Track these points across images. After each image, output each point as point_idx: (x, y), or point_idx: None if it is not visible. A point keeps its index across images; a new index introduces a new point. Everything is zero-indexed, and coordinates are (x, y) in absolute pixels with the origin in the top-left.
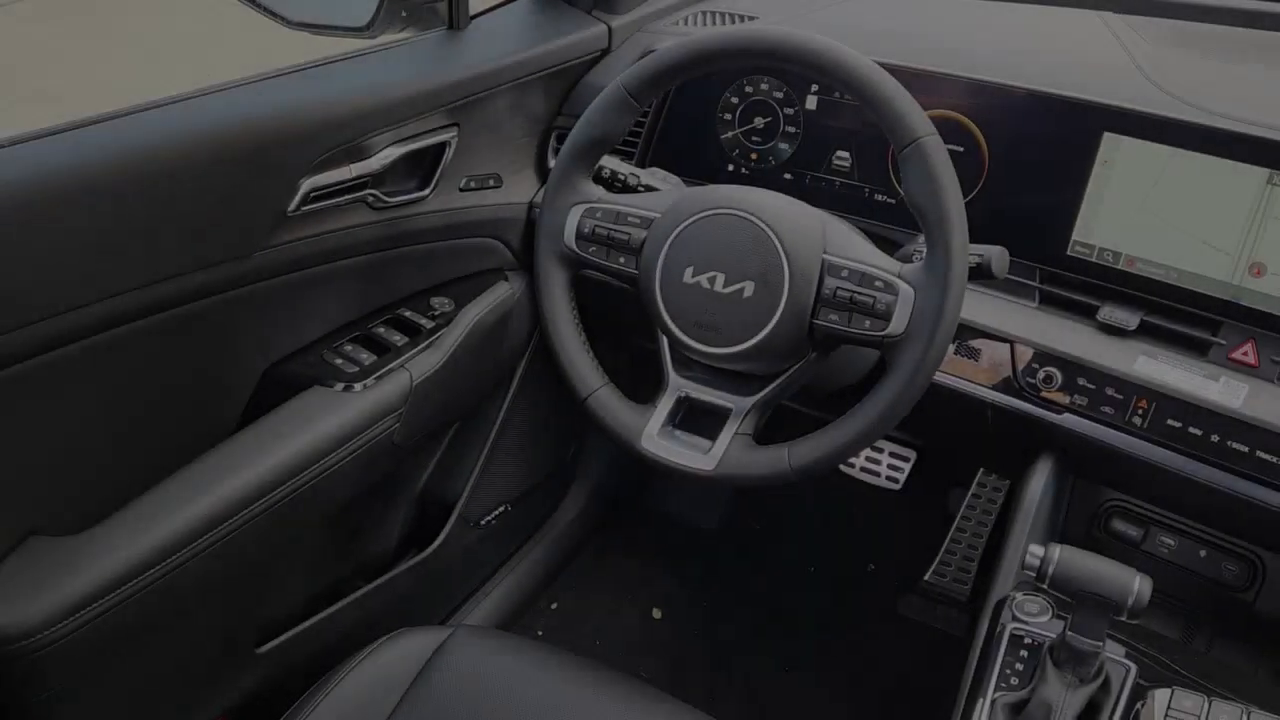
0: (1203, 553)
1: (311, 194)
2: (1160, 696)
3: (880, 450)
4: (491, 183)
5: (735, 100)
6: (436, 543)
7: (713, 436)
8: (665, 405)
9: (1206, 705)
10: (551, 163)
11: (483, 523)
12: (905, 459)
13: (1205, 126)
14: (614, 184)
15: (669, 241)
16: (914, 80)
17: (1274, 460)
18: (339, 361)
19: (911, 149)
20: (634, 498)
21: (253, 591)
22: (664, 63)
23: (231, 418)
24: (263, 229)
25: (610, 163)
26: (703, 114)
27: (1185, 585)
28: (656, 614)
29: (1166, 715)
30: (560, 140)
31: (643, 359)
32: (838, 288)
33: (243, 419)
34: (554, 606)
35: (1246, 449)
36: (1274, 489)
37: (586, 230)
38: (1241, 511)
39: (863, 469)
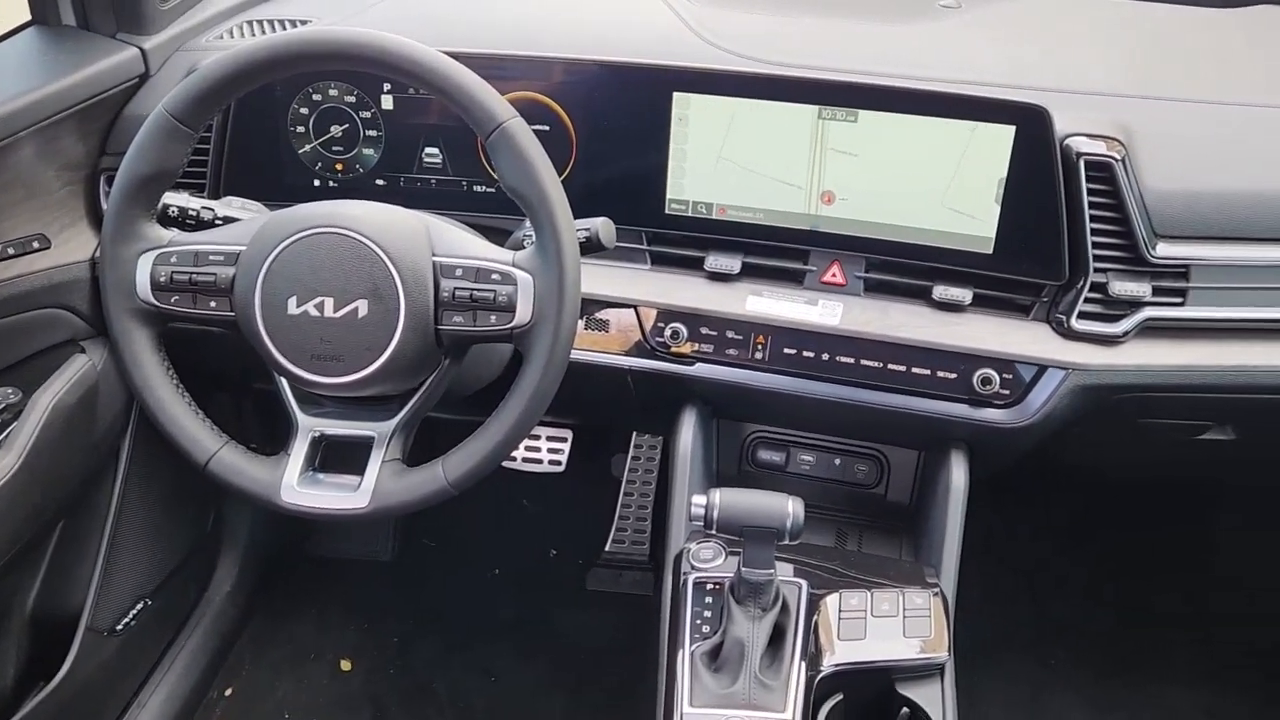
0: (837, 461)
1: None
2: (831, 601)
3: (537, 437)
4: (36, 245)
5: (305, 111)
6: (66, 665)
7: (361, 470)
8: (300, 450)
9: (870, 597)
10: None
11: (120, 628)
12: (563, 440)
13: (758, 75)
14: (186, 222)
15: (262, 273)
16: (486, 65)
17: (876, 365)
18: None
19: (497, 135)
20: (295, 550)
21: None
22: (210, 80)
23: None
24: None
25: (176, 199)
26: (273, 130)
27: (829, 494)
28: (345, 665)
29: (839, 616)
30: (111, 184)
31: (270, 405)
32: (455, 288)
33: None
34: (229, 693)
35: (852, 360)
36: (880, 390)
37: (163, 279)
38: (858, 417)
39: (524, 459)
